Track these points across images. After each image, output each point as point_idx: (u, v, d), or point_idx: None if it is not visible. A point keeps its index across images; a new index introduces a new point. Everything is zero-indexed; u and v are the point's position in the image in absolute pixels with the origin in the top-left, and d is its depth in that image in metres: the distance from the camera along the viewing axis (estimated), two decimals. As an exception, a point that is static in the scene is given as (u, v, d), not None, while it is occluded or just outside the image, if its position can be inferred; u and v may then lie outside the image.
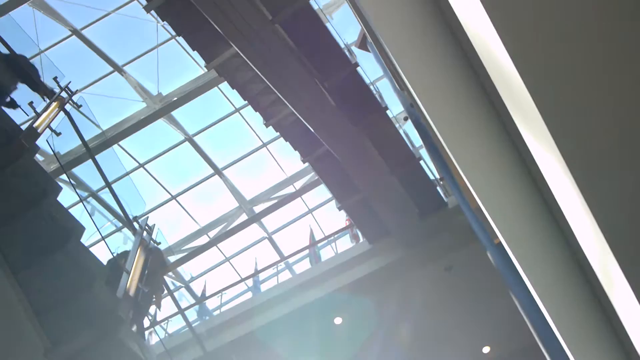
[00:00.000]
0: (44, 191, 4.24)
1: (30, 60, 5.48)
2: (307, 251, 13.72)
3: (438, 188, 11.49)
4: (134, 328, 4.46)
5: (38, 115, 4.60)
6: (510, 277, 6.35)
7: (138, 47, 13.91)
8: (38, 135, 4.33)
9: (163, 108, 13.60)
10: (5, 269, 4.22)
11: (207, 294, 13.93)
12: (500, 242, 6.41)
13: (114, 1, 13.19)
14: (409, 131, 12.97)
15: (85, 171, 11.27)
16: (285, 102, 9.04)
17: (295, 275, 12.06)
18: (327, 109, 9.34)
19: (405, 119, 13.39)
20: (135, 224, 5.26)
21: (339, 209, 11.02)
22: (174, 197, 15.31)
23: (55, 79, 5.30)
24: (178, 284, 15.54)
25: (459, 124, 2.49)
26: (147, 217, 5.35)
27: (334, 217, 16.09)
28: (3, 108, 4.52)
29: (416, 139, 12.69)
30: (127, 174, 8.32)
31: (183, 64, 14.32)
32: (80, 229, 4.41)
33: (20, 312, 4.19)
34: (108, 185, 5.25)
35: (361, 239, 11.92)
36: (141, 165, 14.65)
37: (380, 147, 10.34)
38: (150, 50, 13.74)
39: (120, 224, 11.89)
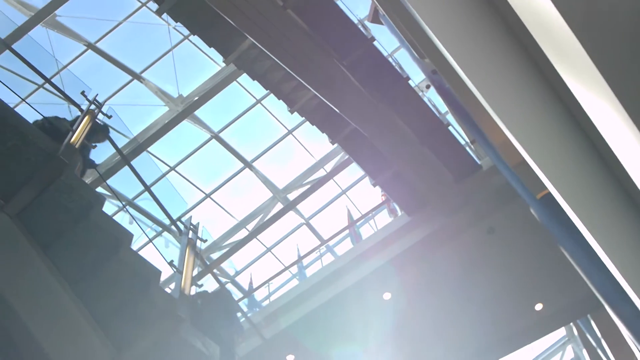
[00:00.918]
0: (89, 203, 4.31)
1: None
2: (347, 232, 13.74)
3: (470, 151, 11.37)
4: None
5: (72, 130, 4.66)
6: (558, 230, 6.30)
7: (153, 53, 14.01)
8: (75, 150, 4.39)
9: (186, 109, 13.69)
10: (63, 284, 4.32)
11: (254, 286, 14.06)
12: (543, 197, 6.36)
13: (124, 10, 13.28)
14: (433, 99, 12.85)
15: (119, 181, 11.44)
16: (307, 86, 9.02)
17: (338, 257, 12.09)
18: (350, 87, 9.30)
19: (428, 87, 13.27)
20: (179, 224, 5.33)
21: (374, 185, 11.00)
22: (208, 196, 15.45)
23: (82, 93, 5.36)
24: (224, 279, 15.71)
25: (499, 77, 2.45)
26: (191, 216, 5.42)
27: (370, 194, 16.08)
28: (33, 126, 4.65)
29: (441, 105, 12.60)
30: (163, 176, 8.42)
31: (199, 63, 14.40)
32: (129, 235, 4.48)
33: (84, 324, 4.29)
34: (148, 189, 5.32)
35: (399, 213, 11.88)
36: (172, 169, 14.79)
37: (406, 119, 10.28)
38: (165, 53, 13.83)
39: (160, 229, 12.13)
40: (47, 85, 6.67)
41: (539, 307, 11.69)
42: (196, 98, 13.69)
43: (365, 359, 11.84)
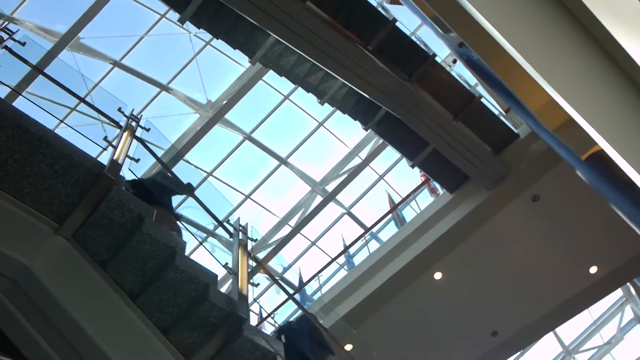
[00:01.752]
0: (139, 216, 4.37)
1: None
2: (390, 217, 13.71)
3: (505, 121, 11.22)
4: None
5: (114, 147, 4.74)
6: (609, 189, 6.18)
7: (177, 62, 14.14)
8: (120, 166, 4.46)
9: (216, 114, 13.80)
10: (125, 298, 4.40)
11: (304, 280, 14.12)
12: (589, 157, 6.24)
13: (144, 24, 13.43)
14: (461, 72, 12.69)
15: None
16: (335, 75, 9.03)
17: (384, 243, 12.07)
18: (377, 71, 9.26)
19: (454, 61, 13.10)
20: (228, 226, 5.39)
21: (412, 166, 10.93)
22: (248, 197, 15.57)
23: (119, 109, 5.45)
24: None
25: (540, 35, 2.40)
26: (238, 217, 5.48)
27: (408, 176, 15.99)
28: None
29: (469, 78, 12.45)
30: (202, 181, 8.51)
31: (223, 66, 14.49)
32: (182, 243, 4.55)
33: (150, 336, 4.38)
34: (193, 195, 5.40)
35: (441, 191, 11.81)
36: (209, 174, 14.94)
37: (437, 95, 10.21)
38: (189, 61, 13.95)
39: (204, 234, 12.24)
40: (80, 107, 6.81)
41: (593, 270, 11.49)
42: (225, 102, 13.79)
43: (422, 341, 11.80)
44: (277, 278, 15.44)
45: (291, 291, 14.42)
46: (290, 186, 16.23)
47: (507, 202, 10.59)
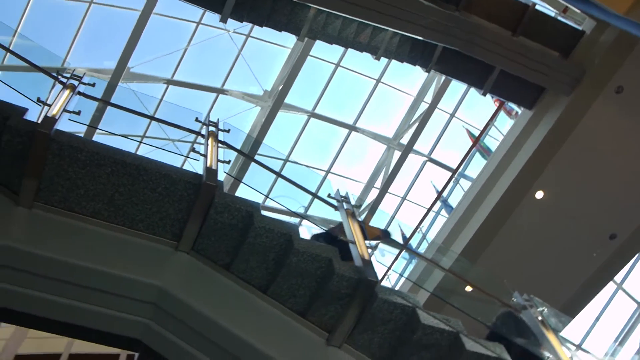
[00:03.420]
0: (247, 213, 4.48)
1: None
2: (474, 151, 13.48)
3: (566, 21, 10.75)
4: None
5: (204, 155, 4.87)
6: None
7: (224, 63, 14.29)
8: (215, 171, 4.58)
9: (275, 102, 13.89)
10: (256, 293, 4.55)
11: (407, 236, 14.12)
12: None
13: (183, 37, 13.62)
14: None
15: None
16: (383, 27, 8.90)
17: (476, 177, 11.87)
18: (424, 10, 9.09)
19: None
20: (330, 200, 5.45)
21: (483, 94, 10.65)
22: (328, 172, 15.68)
23: (197, 119, 5.60)
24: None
25: None
26: (338, 189, 5.52)
27: (480, 107, 15.63)
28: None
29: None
30: (283, 165, 8.60)
31: (269, 54, 14.55)
32: (295, 227, 4.63)
33: (290, 321, 4.52)
34: (293, 182, 5.49)
35: (519, 111, 11.48)
36: (286, 160, 15.10)
37: (490, 17, 9.90)
38: (236, 58, 14.07)
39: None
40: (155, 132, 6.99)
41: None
42: (280, 87, 13.85)
43: (540, 261, 11.57)
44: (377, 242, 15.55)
45: (396, 252, 14.47)
46: (366, 150, 16.24)
47: (590, 101, 10.16)
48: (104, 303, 4.17)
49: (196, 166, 5.17)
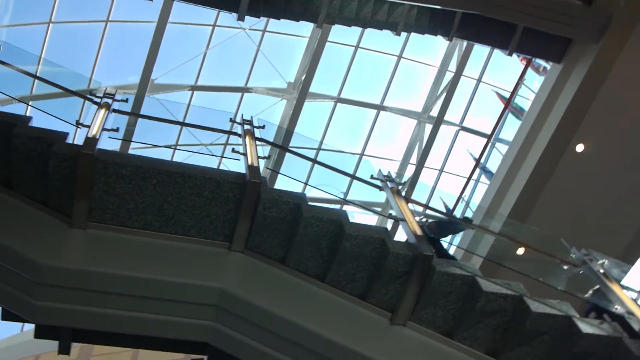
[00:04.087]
0: (295, 205, 4.50)
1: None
2: (507, 113, 13.28)
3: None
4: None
5: (244, 154, 4.91)
6: None
7: (244, 62, 14.31)
8: (258, 168, 4.61)
9: (301, 92, 13.87)
10: (315, 282, 4.59)
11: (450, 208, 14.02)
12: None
13: (200, 42, 13.68)
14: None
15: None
16: (399, 1, 8.80)
17: (513, 139, 11.69)
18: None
19: None
20: (374, 181, 5.45)
21: (509, 54, 10.47)
22: (362, 155, 15.62)
23: (231, 119, 5.65)
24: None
25: None
26: (380, 169, 5.51)
27: (506, 69, 15.37)
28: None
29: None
30: (317, 153, 8.61)
31: (287, 46, 14.52)
32: (344, 212, 4.64)
33: (351, 306, 4.55)
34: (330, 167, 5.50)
35: (548, 66, 11.26)
36: (319, 148, 15.08)
37: (505, -26, 9.72)
38: (256, 54, 14.08)
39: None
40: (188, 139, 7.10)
41: None
42: (303, 77, 13.82)
43: (590, 215, 11.36)
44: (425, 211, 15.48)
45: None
46: (397, 127, 16.13)
47: (622, 45, 9.93)
48: (168, 311, 4.25)
49: (231, 166, 5.23)
